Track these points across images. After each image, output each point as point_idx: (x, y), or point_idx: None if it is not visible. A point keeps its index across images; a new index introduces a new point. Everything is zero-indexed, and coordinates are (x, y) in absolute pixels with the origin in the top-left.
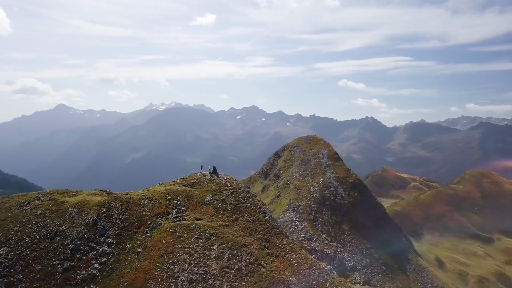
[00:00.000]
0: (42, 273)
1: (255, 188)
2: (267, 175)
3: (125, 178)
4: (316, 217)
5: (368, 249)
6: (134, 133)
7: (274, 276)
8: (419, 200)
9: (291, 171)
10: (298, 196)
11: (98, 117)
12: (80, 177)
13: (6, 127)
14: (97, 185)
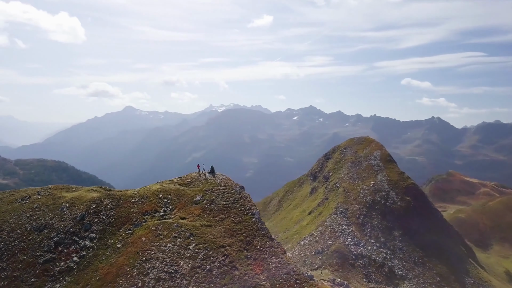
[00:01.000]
0: (24, 263)
1: (303, 190)
2: (316, 177)
3: None
4: (364, 222)
5: (421, 257)
6: (195, 134)
7: (247, 279)
8: (488, 207)
9: (341, 173)
10: (346, 199)
11: (161, 118)
12: (144, 175)
13: (81, 128)
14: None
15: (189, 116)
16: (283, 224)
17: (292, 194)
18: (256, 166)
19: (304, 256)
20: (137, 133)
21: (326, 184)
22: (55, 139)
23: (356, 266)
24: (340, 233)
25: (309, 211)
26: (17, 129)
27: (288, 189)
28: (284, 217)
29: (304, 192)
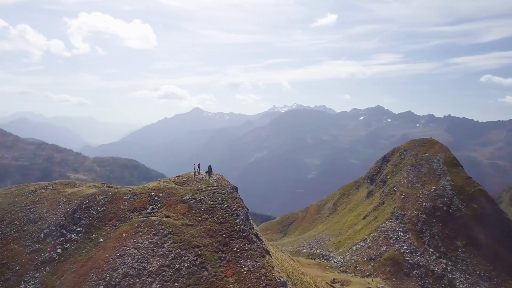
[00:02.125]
0: (13, 252)
1: (360, 194)
2: (373, 180)
3: (248, 176)
4: (423, 229)
5: (489, 271)
6: (258, 134)
7: (214, 281)
8: None
9: (399, 176)
10: (404, 204)
11: (226, 119)
12: None
13: (152, 128)
14: None
15: (253, 117)
16: (336, 228)
17: (348, 197)
18: (318, 167)
19: (356, 262)
20: (203, 134)
21: (383, 188)
22: (130, 139)
23: (411, 276)
24: (395, 239)
25: (364, 216)
26: (97, 129)
27: (343, 192)
28: (338, 221)
29: (360, 195)
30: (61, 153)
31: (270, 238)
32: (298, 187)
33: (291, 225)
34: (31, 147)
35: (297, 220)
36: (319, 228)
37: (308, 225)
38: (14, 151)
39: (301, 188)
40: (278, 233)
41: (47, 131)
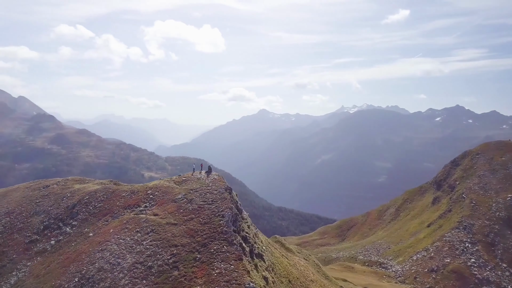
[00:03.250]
0: (14, 241)
1: (425, 200)
2: (440, 186)
3: (314, 178)
4: (495, 241)
5: None
6: (324, 135)
7: (182, 281)
8: None
9: (470, 182)
10: (473, 213)
11: (293, 120)
12: (276, 175)
13: (221, 130)
14: (289, 182)
15: (320, 118)
16: (397, 235)
17: (412, 203)
18: (389, 171)
19: (415, 273)
20: (269, 135)
21: (451, 194)
22: (200, 140)
23: None
24: (461, 251)
25: (428, 223)
26: (171, 130)
27: (407, 197)
28: (399, 228)
29: (425, 201)
30: (136, 152)
31: (327, 243)
32: (367, 191)
33: (350, 230)
34: (111, 146)
35: (357, 225)
36: (379, 234)
37: (368, 230)
38: (97, 150)
39: (370, 192)
40: (336, 238)
41: (126, 132)
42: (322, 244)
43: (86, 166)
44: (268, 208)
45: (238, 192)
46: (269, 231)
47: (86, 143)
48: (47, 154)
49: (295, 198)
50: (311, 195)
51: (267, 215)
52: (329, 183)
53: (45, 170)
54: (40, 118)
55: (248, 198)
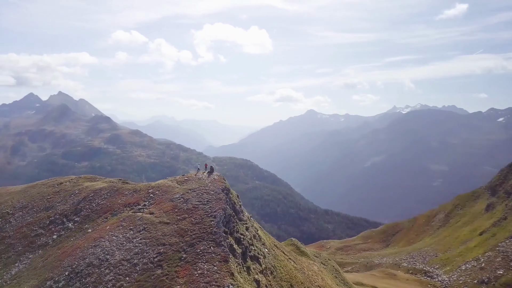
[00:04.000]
0: (22, 234)
1: (477, 206)
2: (495, 191)
3: (363, 181)
4: None
5: None
6: (375, 137)
7: (163, 280)
8: None
9: None
10: None
11: (342, 121)
12: (323, 177)
13: (268, 131)
14: (337, 184)
15: (370, 119)
16: (445, 243)
17: (463, 209)
18: (445, 174)
19: (464, 283)
20: (317, 136)
21: (507, 201)
22: (247, 141)
23: None
24: None
25: (481, 232)
26: (219, 131)
27: (458, 202)
28: (448, 235)
29: (477, 208)
30: (185, 152)
31: (370, 248)
32: (420, 195)
33: (396, 235)
34: (162, 146)
35: (403, 230)
36: (426, 241)
37: (415, 236)
38: (148, 149)
39: (424, 197)
40: (380, 243)
41: (177, 133)
42: (365, 249)
43: (138, 165)
44: (314, 211)
45: (283, 194)
46: (314, 234)
47: (139, 143)
48: (104, 153)
49: (343, 201)
50: (360, 198)
51: (312, 217)
52: (379, 186)
53: (101, 168)
54: (98, 119)
55: (294, 200)
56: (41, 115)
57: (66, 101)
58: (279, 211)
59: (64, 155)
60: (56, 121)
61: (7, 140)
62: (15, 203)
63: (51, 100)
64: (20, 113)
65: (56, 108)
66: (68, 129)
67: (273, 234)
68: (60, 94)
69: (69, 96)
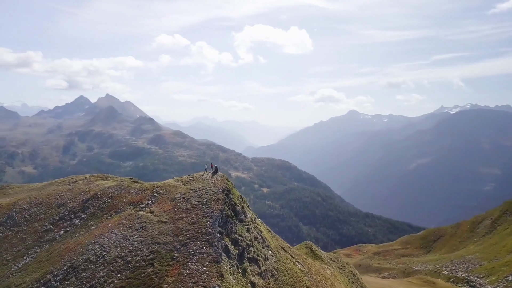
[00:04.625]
0: (33, 229)
1: None
2: None
3: (407, 184)
4: None
5: None
6: (420, 138)
7: (152, 278)
8: None
9: None
10: None
11: (385, 121)
12: (364, 179)
13: (308, 131)
14: (379, 187)
15: (415, 119)
16: (491, 251)
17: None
18: (498, 178)
19: None
20: (359, 137)
21: None
22: (287, 141)
23: None
24: None
25: None
26: (259, 132)
27: (507, 208)
28: (495, 243)
29: None
30: (225, 152)
31: (410, 253)
32: (470, 200)
33: (437, 241)
34: (202, 147)
35: (445, 236)
36: (470, 248)
37: (458, 243)
38: (189, 150)
39: (474, 202)
40: (420, 249)
41: (218, 134)
42: (404, 254)
43: (179, 165)
44: (354, 214)
45: (322, 196)
46: (353, 237)
47: (180, 144)
48: (147, 153)
49: (385, 204)
50: (404, 202)
51: (352, 220)
52: (424, 189)
53: (145, 168)
54: (142, 120)
55: (333, 202)
56: (90, 117)
57: (113, 103)
58: (317, 213)
59: (110, 155)
60: (103, 122)
61: (59, 140)
62: (32, 199)
63: (99, 102)
64: (71, 114)
65: (103, 110)
66: (115, 129)
67: (311, 237)
68: (107, 97)
69: (116, 98)
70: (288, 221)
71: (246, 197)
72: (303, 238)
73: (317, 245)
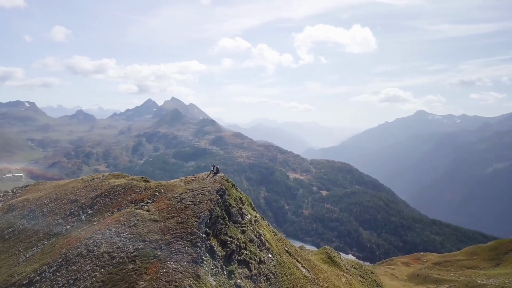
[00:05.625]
0: (47, 223)
1: None
2: None
3: (482, 190)
4: None
5: None
6: (499, 140)
7: (131, 275)
8: None
9: None
10: None
11: (457, 122)
12: (433, 184)
13: (372, 133)
14: (449, 193)
15: (492, 120)
16: None
17: None
18: None
19: None
20: (427, 139)
21: None
22: (348, 143)
23: None
24: None
25: None
26: (320, 133)
27: None
28: None
29: None
30: (283, 154)
31: (476, 265)
32: None
33: (508, 253)
34: (261, 148)
35: None
36: None
37: None
38: (248, 151)
39: None
40: (488, 261)
41: (278, 135)
42: (469, 266)
43: (238, 165)
44: (420, 220)
45: (385, 201)
46: (418, 245)
47: (240, 145)
48: (208, 153)
49: (457, 212)
50: (478, 210)
51: (417, 227)
52: (502, 196)
53: (206, 168)
54: (204, 122)
55: (396, 207)
56: (157, 119)
57: (178, 106)
58: (379, 218)
59: (174, 155)
60: (169, 124)
61: (129, 141)
62: (52, 195)
63: (165, 105)
64: (140, 116)
65: (169, 113)
66: (179, 131)
67: (371, 242)
68: (173, 100)
69: (181, 101)
70: (347, 225)
71: (304, 200)
72: (363, 244)
73: (378, 251)
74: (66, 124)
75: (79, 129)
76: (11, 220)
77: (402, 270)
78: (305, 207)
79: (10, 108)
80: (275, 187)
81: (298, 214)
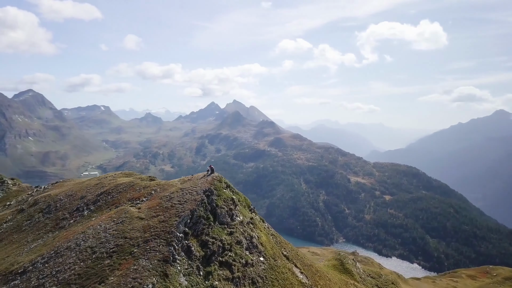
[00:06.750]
0: (56, 216)
1: None
2: None
3: None
4: None
5: None
6: None
7: (105, 270)
8: None
9: None
10: None
11: None
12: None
13: (442, 134)
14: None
15: None
16: None
17: None
18: None
19: None
20: (508, 141)
21: None
22: (416, 146)
23: None
24: None
25: None
26: (386, 135)
27: None
28: None
29: None
30: (344, 156)
31: None
32: None
33: None
34: (320, 150)
35: None
36: None
37: None
38: (307, 153)
39: None
40: None
41: (340, 137)
42: None
43: (297, 167)
44: (496, 230)
45: (455, 208)
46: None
47: (299, 147)
48: (267, 155)
49: None
50: None
51: (493, 238)
52: None
53: (264, 169)
54: (264, 124)
55: (469, 215)
56: (219, 121)
57: (239, 108)
58: (448, 226)
59: (234, 156)
60: (230, 126)
61: (193, 142)
62: (68, 191)
63: (227, 108)
64: (203, 119)
65: (230, 115)
66: (239, 133)
67: (439, 252)
68: (234, 102)
69: (242, 104)
70: (412, 232)
71: (365, 204)
72: (430, 252)
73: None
74: (136, 126)
75: (148, 131)
76: (31, 214)
77: (467, 284)
78: (367, 212)
79: (88, 111)
80: (335, 190)
81: (359, 219)
